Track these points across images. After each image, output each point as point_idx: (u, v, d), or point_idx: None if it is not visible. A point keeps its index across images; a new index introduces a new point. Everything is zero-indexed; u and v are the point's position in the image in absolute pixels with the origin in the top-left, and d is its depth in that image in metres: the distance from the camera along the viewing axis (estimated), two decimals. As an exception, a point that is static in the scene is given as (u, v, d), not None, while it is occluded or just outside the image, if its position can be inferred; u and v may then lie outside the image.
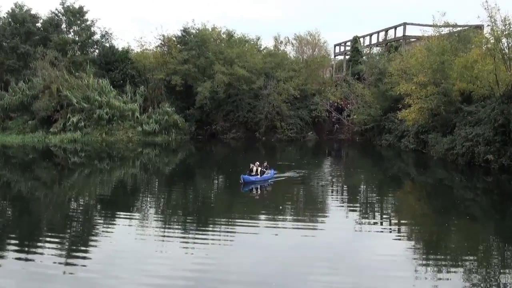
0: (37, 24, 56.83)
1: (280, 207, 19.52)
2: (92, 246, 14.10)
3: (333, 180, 27.25)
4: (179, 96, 54.86)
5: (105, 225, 16.56)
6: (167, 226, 16.60)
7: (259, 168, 24.63)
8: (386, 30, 57.26)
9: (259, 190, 23.41)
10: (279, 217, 17.78)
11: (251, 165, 24.75)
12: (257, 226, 16.52)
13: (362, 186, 26.19)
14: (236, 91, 52.59)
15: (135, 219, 17.57)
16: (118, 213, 18.69)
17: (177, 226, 16.62)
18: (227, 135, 52.72)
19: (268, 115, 51.01)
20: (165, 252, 13.67)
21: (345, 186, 25.89)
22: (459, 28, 39.10)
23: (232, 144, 49.72)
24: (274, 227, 16.30)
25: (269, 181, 24.67)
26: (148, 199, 22.21)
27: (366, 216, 18.45)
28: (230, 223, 17.11)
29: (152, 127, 49.81)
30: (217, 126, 53.03)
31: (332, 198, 22.07)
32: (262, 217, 17.98)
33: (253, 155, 42.20)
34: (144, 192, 24.11)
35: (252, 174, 24.31)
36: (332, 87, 54.92)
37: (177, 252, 13.64)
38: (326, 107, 52.88)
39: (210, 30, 56.08)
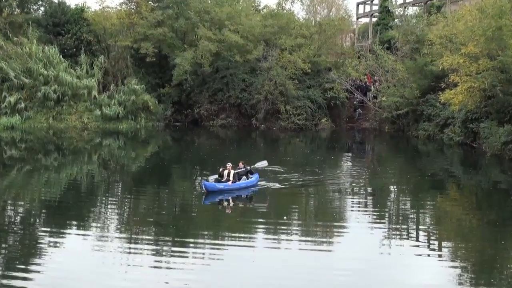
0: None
1: (285, 217, 19.55)
2: (35, 267, 14.06)
3: (354, 182, 27.27)
4: (150, 69, 54.59)
5: (52, 240, 16.53)
6: (134, 240, 16.59)
7: (232, 172, 23.54)
8: (426, -15, 57.18)
9: (233, 201, 22.91)
10: (282, 230, 17.79)
11: (221, 168, 23.90)
12: (253, 242, 16.55)
13: (392, 191, 26.20)
14: (227, 63, 52.39)
15: (92, 231, 17.58)
16: (69, 223, 18.66)
17: (147, 240, 16.63)
18: (214, 121, 52.61)
19: (268, 96, 50.91)
20: (131, 272, 13.70)
21: (369, 191, 25.95)
22: (522, -17, 38.92)
23: (221, 134, 49.57)
24: (275, 244, 16.31)
25: (251, 189, 23.88)
26: (109, 205, 22.18)
27: (397, 230, 18.49)
28: (216, 237, 17.16)
29: (115, 110, 49.64)
30: (200, 109, 52.91)
31: (353, 206, 22.08)
32: (260, 230, 18.01)
33: (248, 148, 42.18)
34: (103, 196, 24.10)
35: (223, 180, 23.41)
36: (354, 60, 54.78)
37: (147, 272, 13.67)
38: (346, 86, 52.78)
39: (193, -18, 55.87)
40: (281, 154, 39.32)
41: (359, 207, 22.29)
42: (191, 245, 16.16)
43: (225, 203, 22.62)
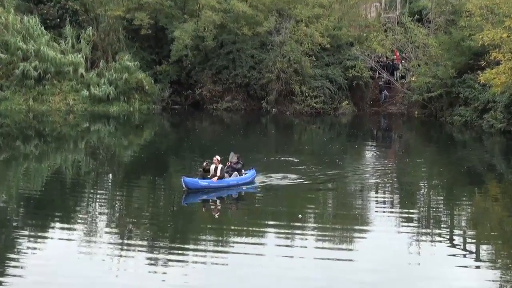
0: None
1: (300, 215, 19.55)
2: (13, 269, 14.09)
3: (379, 177, 27.18)
4: (145, 43, 54.45)
5: (32, 241, 16.56)
6: (126, 242, 16.63)
7: (220, 166, 22.75)
8: None
9: (219, 201, 22.72)
10: (296, 232, 17.77)
11: (205, 162, 23.21)
12: (262, 245, 16.56)
13: (422, 187, 26.16)
14: (233, 37, 52.20)
15: (78, 231, 17.58)
16: (52, 222, 18.71)
17: (141, 243, 16.65)
18: (218, 104, 52.49)
19: (281, 75, 50.71)
20: (122, 279, 13.76)
21: (396, 187, 25.85)
22: None
23: (226, 119, 49.51)
24: (288, 247, 16.28)
25: (244, 187, 23.43)
26: (98, 202, 22.24)
27: (429, 232, 18.46)
28: (221, 239, 17.18)
29: (105, 90, 49.59)
30: (203, 90, 52.78)
31: (378, 205, 22.03)
32: (271, 232, 17.99)
33: (257, 135, 42.11)
34: (91, 191, 24.11)
35: (208, 176, 22.75)
36: (380, 33, 54.40)
37: (141, 278, 13.71)
38: (370, 64, 52.54)
39: None
40: (295, 142, 39.29)
41: (384, 206, 22.18)
42: (191, 250, 16.13)
43: (237, 198, 22.58)
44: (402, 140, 43.01)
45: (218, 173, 22.57)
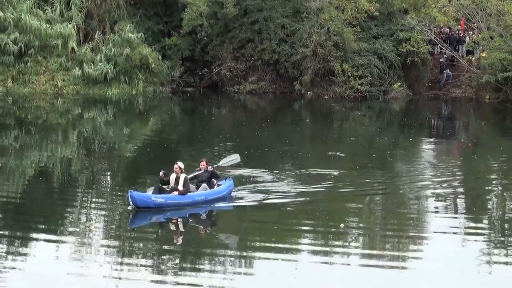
0: None
1: (341, 227, 19.49)
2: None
3: (440, 181, 26.88)
4: (151, 11, 54.61)
5: (9, 257, 16.58)
6: (127, 260, 16.62)
7: (183, 176, 21.14)
8: None
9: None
10: (336, 251, 17.70)
11: (161, 172, 21.75)
12: (296, 257, 16.61)
13: (496, 195, 25.77)
14: (260, 2, 52.17)
15: (67, 245, 17.61)
16: (34, 234, 18.76)
17: (146, 260, 16.71)
18: (240, 86, 52.55)
19: (318, 50, 50.61)
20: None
21: (462, 193, 25.56)
22: None
23: (250, 104, 49.54)
24: (324, 274, 16.15)
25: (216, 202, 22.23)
26: (92, 208, 22.25)
27: (504, 253, 18.21)
28: (244, 256, 17.11)
29: (101, 69, 49.78)
30: (221, 69, 52.85)
31: (438, 217, 21.83)
32: (305, 247, 18.03)
33: (288, 125, 41.98)
34: (84, 194, 24.22)
35: (167, 189, 21.33)
36: (441, -1, 54.28)
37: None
38: (429, 36, 52.23)
39: None
40: (335, 133, 39.24)
41: (446, 219, 21.84)
42: (207, 271, 16.10)
43: (263, 204, 22.44)
44: (469, 132, 42.78)
45: (180, 186, 21.08)
